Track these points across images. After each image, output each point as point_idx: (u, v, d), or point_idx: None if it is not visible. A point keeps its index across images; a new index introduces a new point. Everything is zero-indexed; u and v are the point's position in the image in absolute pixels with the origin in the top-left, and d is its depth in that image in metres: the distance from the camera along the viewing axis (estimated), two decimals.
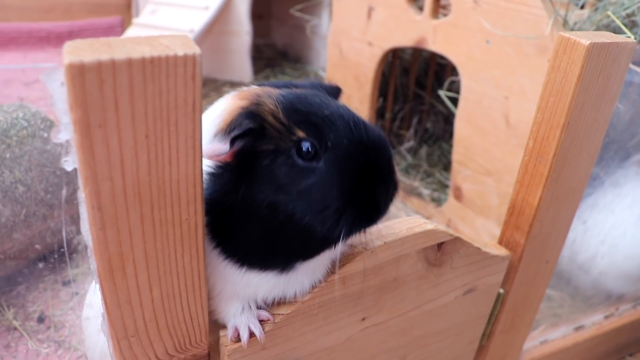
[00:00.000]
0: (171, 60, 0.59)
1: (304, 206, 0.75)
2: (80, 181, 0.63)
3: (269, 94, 0.79)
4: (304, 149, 0.75)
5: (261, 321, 0.88)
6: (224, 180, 0.78)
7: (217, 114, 0.77)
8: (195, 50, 0.60)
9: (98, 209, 0.63)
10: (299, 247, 0.81)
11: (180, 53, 0.59)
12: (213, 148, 0.73)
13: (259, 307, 0.89)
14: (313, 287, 0.89)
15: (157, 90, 0.59)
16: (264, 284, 0.85)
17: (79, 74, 0.56)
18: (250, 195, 0.77)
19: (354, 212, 0.77)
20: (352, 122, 0.79)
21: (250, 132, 0.75)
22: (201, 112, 0.64)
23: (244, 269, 0.83)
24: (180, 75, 0.60)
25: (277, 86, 0.86)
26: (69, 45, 0.58)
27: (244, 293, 0.86)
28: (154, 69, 0.58)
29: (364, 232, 0.81)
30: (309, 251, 0.82)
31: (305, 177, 0.75)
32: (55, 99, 0.62)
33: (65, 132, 0.63)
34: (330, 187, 0.75)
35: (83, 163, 0.60)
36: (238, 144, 0.74)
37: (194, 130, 0.64)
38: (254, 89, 0.83)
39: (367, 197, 0.78)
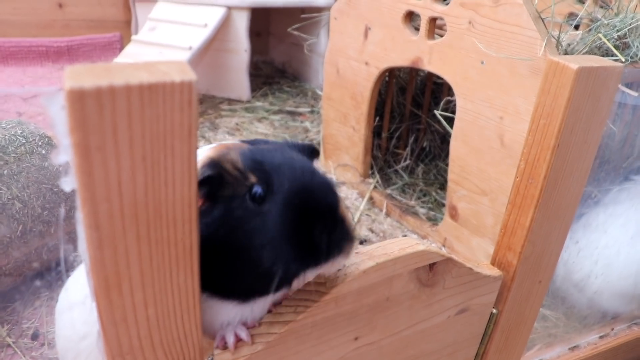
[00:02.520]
0: (168, 86, 0.60)
1: (249, 245, 0.82)
2: (79, 202, 0.64)
3: (238, 147, 0.90)
4: (254, 194, 0.83)
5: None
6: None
7: None
8: (192, 76, 0.61)
9: (96, 229, 0.65)
10: (253, 285, 0.86)
11: (177, 79, 0.61)
12: None
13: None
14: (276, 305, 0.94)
15: (154, 115, 0.61)
16: (229, 311, 0.91)
17: (79, 99, 0.57)
18: (212, 234, 0.84)
19: (290, 253, 0.82)
20: (299, 169, 0.87)
21: (210, 179, 0.84)
22: (197, 135, 0.65)
23: (204, 296, 0.88)
24: (176, 100, 0.61)
25: (254, 143, 0.97)
26: (69, 71, 0.60)
27: (205, 318, 0.90)
28: (152, 95, 0.60)
29: (309, 274, 0.85)
30: (262, 289, 0.86)
31: (253, 219, 0.83)
32: (56, 121, 0.64)
33: (65, 154, 0.65)
34: (270, 227, 0.82)
35: (82, 184, 0.62)
36: (201, 191, 0.83)
37: (190, 153, 0.66)
38: (229, 143, 0.93)
39: (305, 239, 0.83)
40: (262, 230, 0.82)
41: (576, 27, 2.13)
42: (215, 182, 0.84)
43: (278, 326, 0.90)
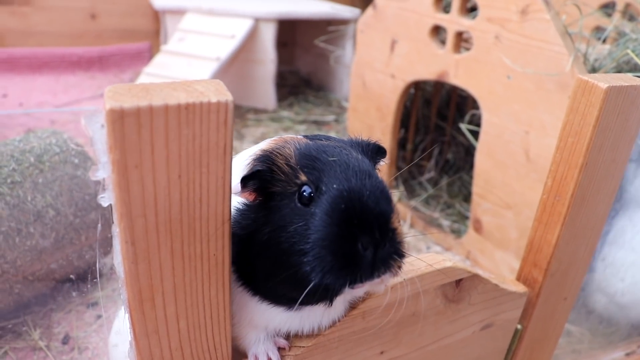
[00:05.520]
0: (205, 106, 0.63)
1: (291, 249, 0.77)
2: (116, 217, 0.67)
3: (295, 141, 0.85)
4: (303, 193, 0.78)
5: (280, 348, 0.92)
6: (245, 216, 0.84)
7: (249, 156, 0.84)
8: (228, 97, 0.63)
9: (132, 244, 0.67)
10: (292, 292, 0.80)
11: (214, 100, 0.63)
12: (235, 186, 0.78)
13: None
14: (333, 324, 0.92)
15: (190, 134, 0.63)
16: (276, 316, 0.88)
17: (119, 118, 0.60)
18: (259, 231, 0.81)
19: (329, 264, 0.75)
20: (352, 170, 0.79)
21: (259, 174, 0.80)
22: (232, 154, 0.67)
23: (256, 299, 0.87)
24: (213, 120, 0.64)
25: (317, 138, 0.88)
26: (109, 91, 0.63)
27: (258, 322, 0.90)
28: (189, 115, 0.62)
29: (351, 286, 0.77)
30: (300, 297, 0.78)
31: (298, 220, 0.77)
32: (95, 139, 0.66)
33: (103, 171, 0.67)
34: (313, 233, 0.76)
35: (119, 200, 0.64)
36: (250, 185, 0.80)
37: (224, 171, 0.68)
38: (288, 137, 0.88)
39: (348, 251, 0.75)
40: (305, 235, 0.76)
41: (603, 41, 2.12)
42: (266, 176, 0.80)
43: (305, 340, 0.91)
